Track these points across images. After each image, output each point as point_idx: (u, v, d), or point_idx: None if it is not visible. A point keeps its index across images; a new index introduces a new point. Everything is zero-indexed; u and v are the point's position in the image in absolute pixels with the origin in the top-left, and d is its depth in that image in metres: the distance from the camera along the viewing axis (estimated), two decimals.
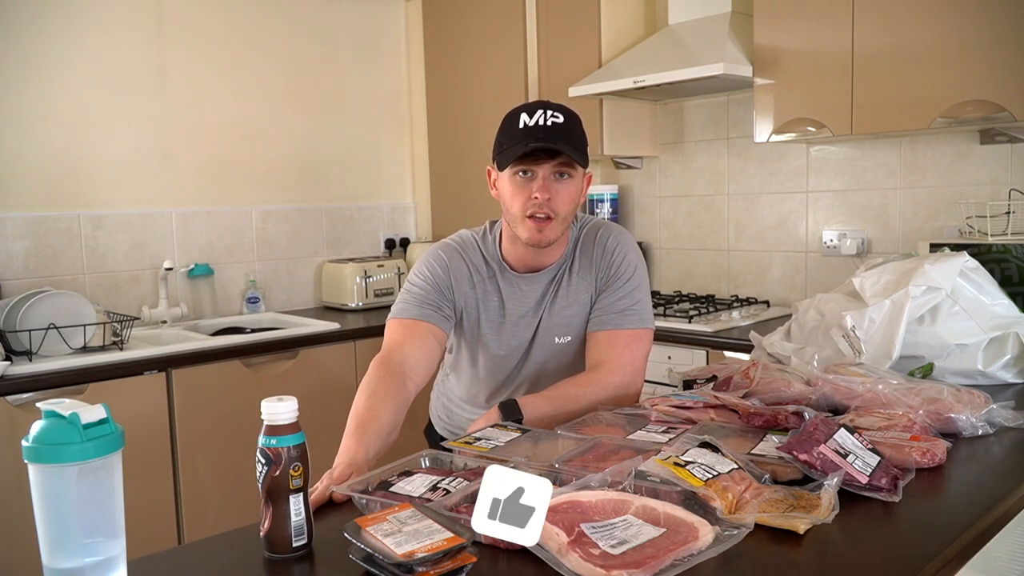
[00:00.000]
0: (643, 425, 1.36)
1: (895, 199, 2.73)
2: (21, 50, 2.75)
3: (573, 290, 1.64)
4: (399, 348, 1.51)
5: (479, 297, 1.63)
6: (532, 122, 1.47)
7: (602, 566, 0.82)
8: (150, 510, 2.48)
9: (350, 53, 3.65)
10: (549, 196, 1.50)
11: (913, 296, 1.60)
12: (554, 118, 1.47)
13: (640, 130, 3.28)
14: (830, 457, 1.07)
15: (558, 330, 1.65)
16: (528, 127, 1.47)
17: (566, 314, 1.64)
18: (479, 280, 1.63)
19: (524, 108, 1.51)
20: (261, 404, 0.94)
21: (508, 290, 1.64)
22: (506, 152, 1.50)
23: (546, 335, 1.65)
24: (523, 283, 1.64)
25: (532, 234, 1.53)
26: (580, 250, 1.64)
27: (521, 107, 1.53)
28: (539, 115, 1.47)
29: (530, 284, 1.64)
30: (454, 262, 1.62)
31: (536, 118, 1.47)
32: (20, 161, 2.77)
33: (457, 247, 1.65)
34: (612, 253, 1.62)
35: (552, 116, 1.47)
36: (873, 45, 2.36)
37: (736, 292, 3.16)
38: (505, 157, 1.50)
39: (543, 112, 1.48)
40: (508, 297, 1.63)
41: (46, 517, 0.80)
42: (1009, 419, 1.34)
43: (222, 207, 3.27)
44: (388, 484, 1.09)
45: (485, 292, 1.63)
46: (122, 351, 2.49)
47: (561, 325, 1.64)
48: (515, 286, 1.64)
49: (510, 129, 1.50)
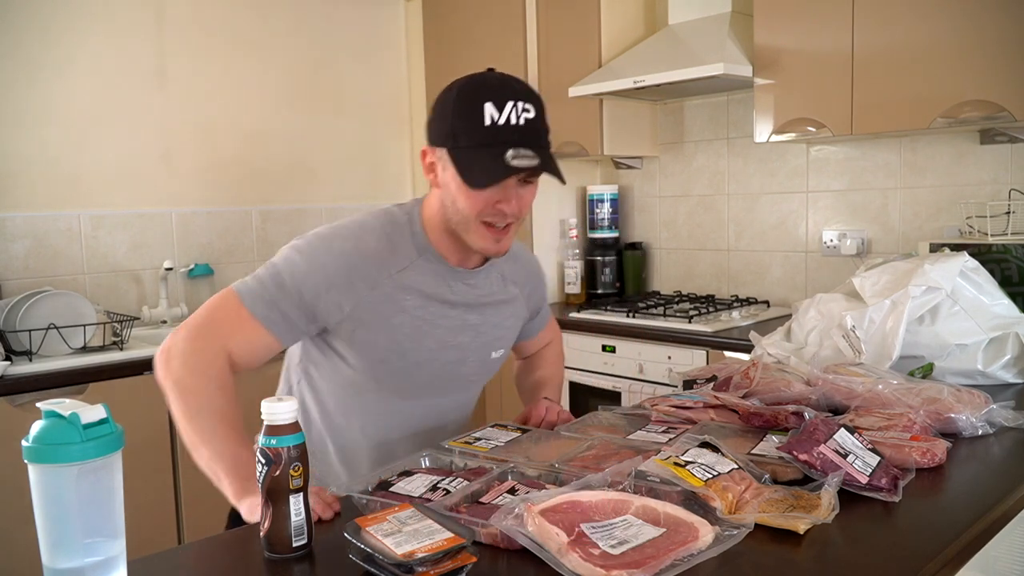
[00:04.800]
0: (643, 425, 1.36)
1: (895, 199, 2.72)
2: (21, 50, 2.75)
3: (509, 297, 1.46)
4: (231, 338, 1.26)
5: (382, 298, 1.30)
6: (502, 119, 1.20)
7: (602, 566, 0.82)
8: (150, 510, 2.48)
9: (350, 53, 3.64)
10: (516, 205, 1.26)
11: (913, 296, 1.60)
12: (526, 112, 1.22)
13: (640, 130, 3.28)
14: (830, 457, 1.07)
15: (495, 343, 1.45)
16: (497, 126, 1.20)
17: (505, 324, 1.46)
18: (387, 277, 1.30)
19: (485, 89, 1.22)
20: (261, 404, 0.94)
21: (438, 287, 1.34)
22: (469, 155, 1.22)
23: (484, 349, 1.43)
24: (459, 279, 1.37)
25: (487, 243, 1.28)
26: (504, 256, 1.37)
27: (479, 84, 1.24)
28: (509, 109, 1.20)
29: (467, 282, 1.38)
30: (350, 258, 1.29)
31: (507, 113, 1.20)
32: (20, 161, 2.77)
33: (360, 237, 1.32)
34: (538, 269, 1.57)
35: (524, 110, 1.22)
36: (873, 45, 2.36)
37: (736, 292, 3.16)
38: (470, 166, 1.22)
39: (513, 105, 1.21)
40: (435, 295, 1.34)
41: (46, 517, 0.80)
42: (1009, 419, 1.34)
43: (222, 207, 3.27)
44: (388, 484, 1.09)
45: (395, 291, 1.31)
46: (122, 351, 2.49)
47: (498, 338, 1.45)
48: (448, 283, 1.36)
49: (470, 119, 1.21)
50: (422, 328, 1.33)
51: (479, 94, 1.22)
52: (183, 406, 1.21)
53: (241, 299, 1.25)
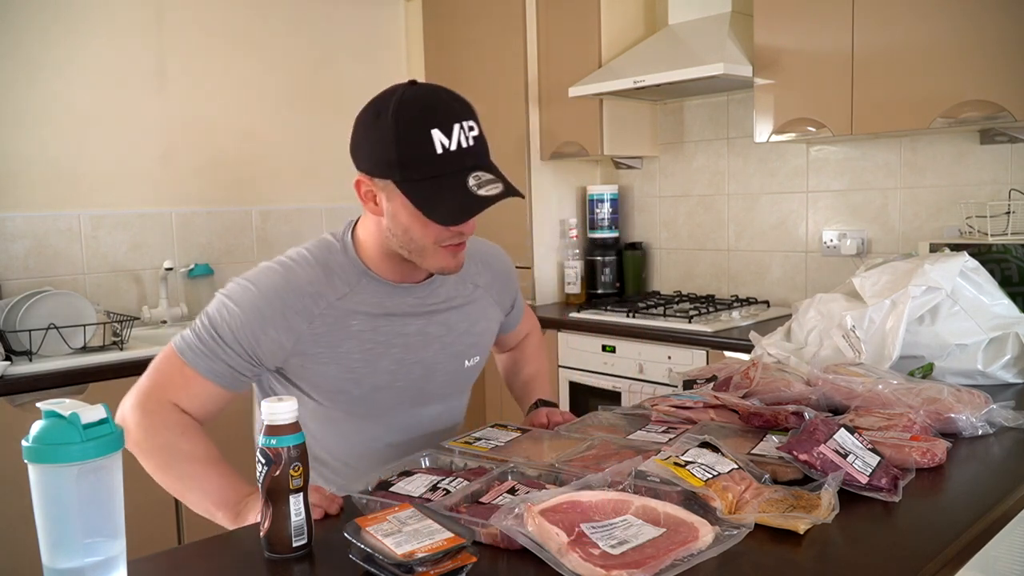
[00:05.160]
0: (643, 425, 1.36)
1: (895, 199, 2.72)
2: (22, 50, 2.75)
3: (471, 298, 1.43)
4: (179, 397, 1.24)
5: (324, 330, 1.27)
6: (453, 144, 1.15)
7: (602, 566, 0.82)
8: (150, 510, 2.48)
9: (350, 53, 3.64)
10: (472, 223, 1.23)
11: (913, 296, 1.60)
12: (471, 131, 1.17)
13: (640, 130, 3.28)
14: (830, 457, 1.07)
15: (467, 351, 1.42)
16: (450, 152, 1.15)
17: (475, 331, 1.42)
18: (327, 307, 1.27)
19: (425, 114, 1.16)
20: (261, 404, 0.94)
21: (384, 305, 1.31)
22: (426, 188, 1.16)
23: (455, 360, 1.40)
24: (407, 295, 1.33)
25: (446, 262, 1.25)
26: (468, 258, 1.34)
27: (416, 108, 1.16)
28: (457, 132, 1.15)
29: (416, 295, 1.35)
30: (283, 297, 1.24)
31: (456, 138, 1.15)
32: (20, 161, 2.77)
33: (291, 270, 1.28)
34: (507, 267, 1.53)
35: (469, 128, 1.17)
36: (873, 45, 2.36)
37: (736, 292, 3.16)
38: (430, 201, 1.16)
39: (459, 127, 1.16)
40: (380, 319, 1.30)
41: (46, 517, 0.80)
42: (1009, 419, 1.34)
43: (222, 207, 3.27)
44: (388, 484, 1.09)
45: (337, 320, 1.27)
46: (122, 351, 2.49)
47: (471, 345, 1.42)
48: (395, 302, 1.32)
49: (418, 148, 1.15)
50: (375, 351, 1.30)
51: (421, 120, 1.16)
52: (153, 465, 1.21)
53: (183, 357, 1.24)
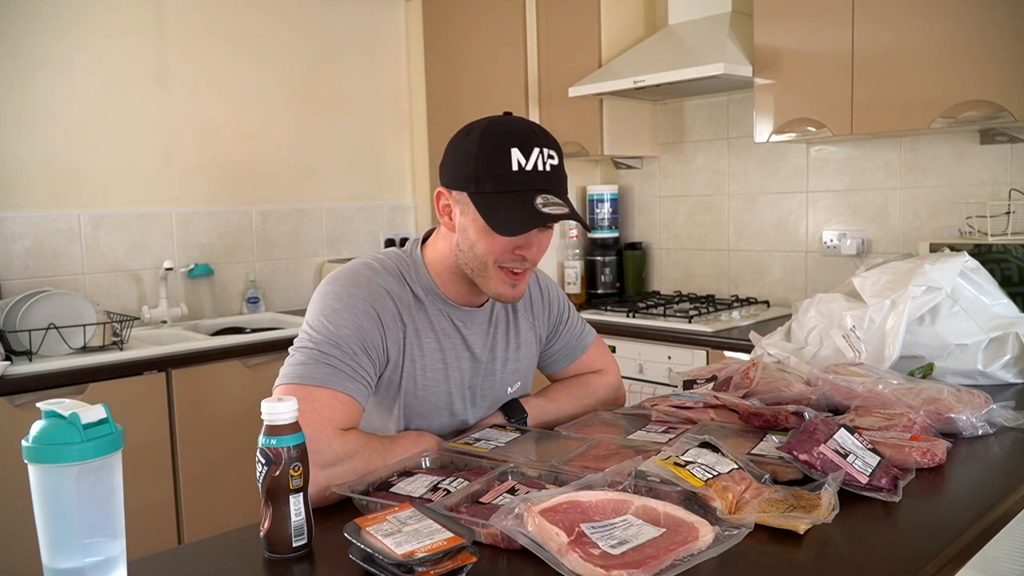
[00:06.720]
0: (643, 425, 1.36)
1: (895, 199, 2.72)
2: (22, 51, 2.75)
3: (522, 330, 1.45)
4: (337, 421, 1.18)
5: (409, 340, 1.29)
6: (529, 165, 1.21)
7: (602, 566, 0.82)
8: (150, 510, 2.48)
9: (350, 53, 3.64)
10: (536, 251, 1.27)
11: (913, 296, 1.60)
12: (551, 159, 1.23)
13: (640, 130, 3.28)
14: (830, 457, 1.07)
15: (509, 378, 1.44)
16: (525, 171, 1.20)
17: (517, 356, 1.44)
18: (408, 318, 1.30)
19: (510, 134, 1.22)
20: (261, 404, 0.94)
21: (446, 328, 1.34)
22: (495, 201, 1.21)
23: (499, 386, 1.42)
24: (466, 318, 1.36)
25: (503, 288, 1.28)
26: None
27: (502, 129, 1.23)
28: (536, 155, 1.21)
29: (474, 320, 1.37)
30: (379, 301, 1.27)
31: (533, 160, 1.21)
32: (20, 161, 2.77)
33: (377, 276, 1.30)
34: (547, 291, 1.51)
35: (549, 156, 1.23)
36: (873, 45, 2.36)
37: (736, 292, 3.16)
38: (496, 212, 1.20)
39: (539, 151, 1.22)
40: (445, 337, 1.33)
41: (46, 517, 0.80)
42: (1009, 419, 1.34)
43: (222, 207, 3.27)
44: (388, 484, 1.09)
45: (416, 332, 1.30)
46: (122, 351, 2.49)
47: (513, 372, 1.44)
48: (455, 323, 1.35)
49: (496, 165, 1.21)
50: (436, 367, 1.33)
51: (504, 139, 1.21)
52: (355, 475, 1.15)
53: (324, 386, 1.18)
